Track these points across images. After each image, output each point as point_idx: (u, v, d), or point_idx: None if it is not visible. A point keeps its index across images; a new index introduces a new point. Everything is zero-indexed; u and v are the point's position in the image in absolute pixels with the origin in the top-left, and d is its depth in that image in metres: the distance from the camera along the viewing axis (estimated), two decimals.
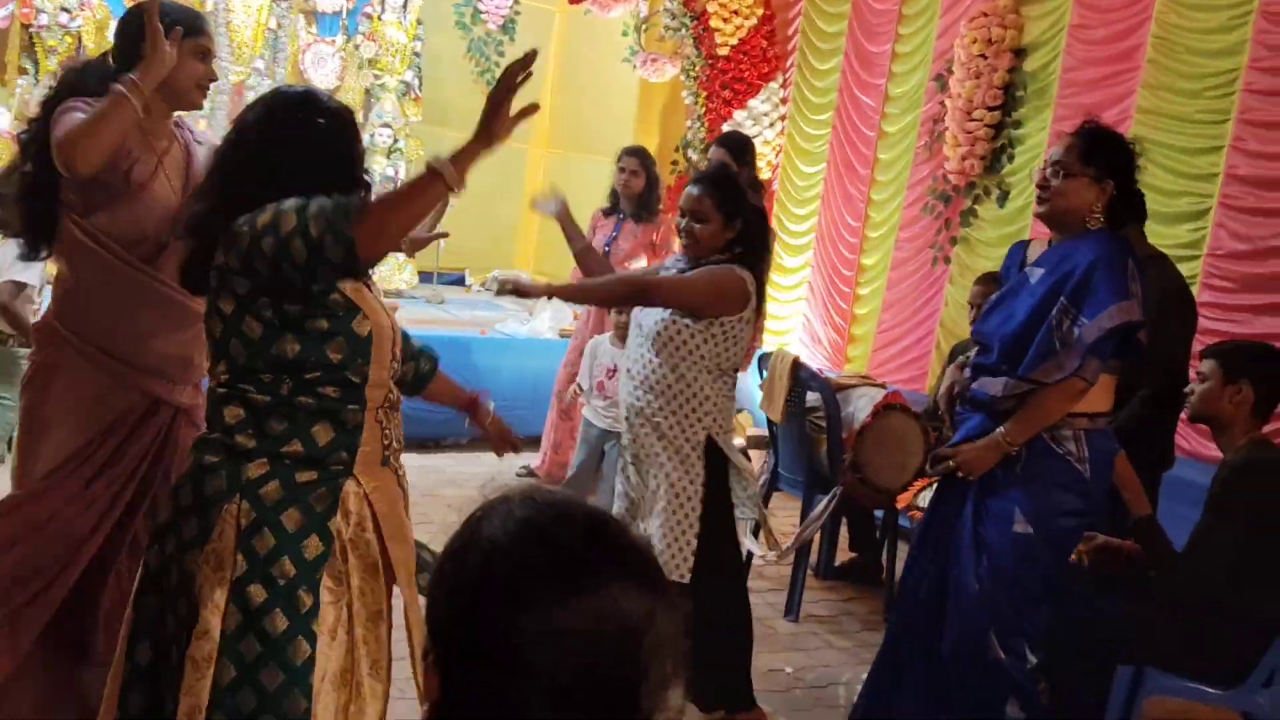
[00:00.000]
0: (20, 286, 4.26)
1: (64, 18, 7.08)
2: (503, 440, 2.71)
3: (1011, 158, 5.53)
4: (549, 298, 3.49)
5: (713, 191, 3.29)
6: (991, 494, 2.99)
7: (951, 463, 3.02)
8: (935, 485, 3.74)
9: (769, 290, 7.17)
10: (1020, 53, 5.48)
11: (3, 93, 7.48)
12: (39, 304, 4.35)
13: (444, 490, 5.46)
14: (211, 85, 2.80)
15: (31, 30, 7.12)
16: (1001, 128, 5.54)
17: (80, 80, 2.70)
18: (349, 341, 2.05)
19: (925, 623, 3.09)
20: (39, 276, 4.32)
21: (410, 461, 2.46)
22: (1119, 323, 2.80)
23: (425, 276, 7.96)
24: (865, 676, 3.32)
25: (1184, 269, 3.96)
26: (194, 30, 2.73)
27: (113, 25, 7.19)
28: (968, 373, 3.13)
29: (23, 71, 7.24)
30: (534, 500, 1.06)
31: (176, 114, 2.81)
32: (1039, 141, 5.33)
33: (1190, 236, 4.62)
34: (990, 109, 5.50)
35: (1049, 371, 2.86)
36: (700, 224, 3.28)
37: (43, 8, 7.04)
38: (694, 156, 7.27)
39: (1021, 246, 3.27)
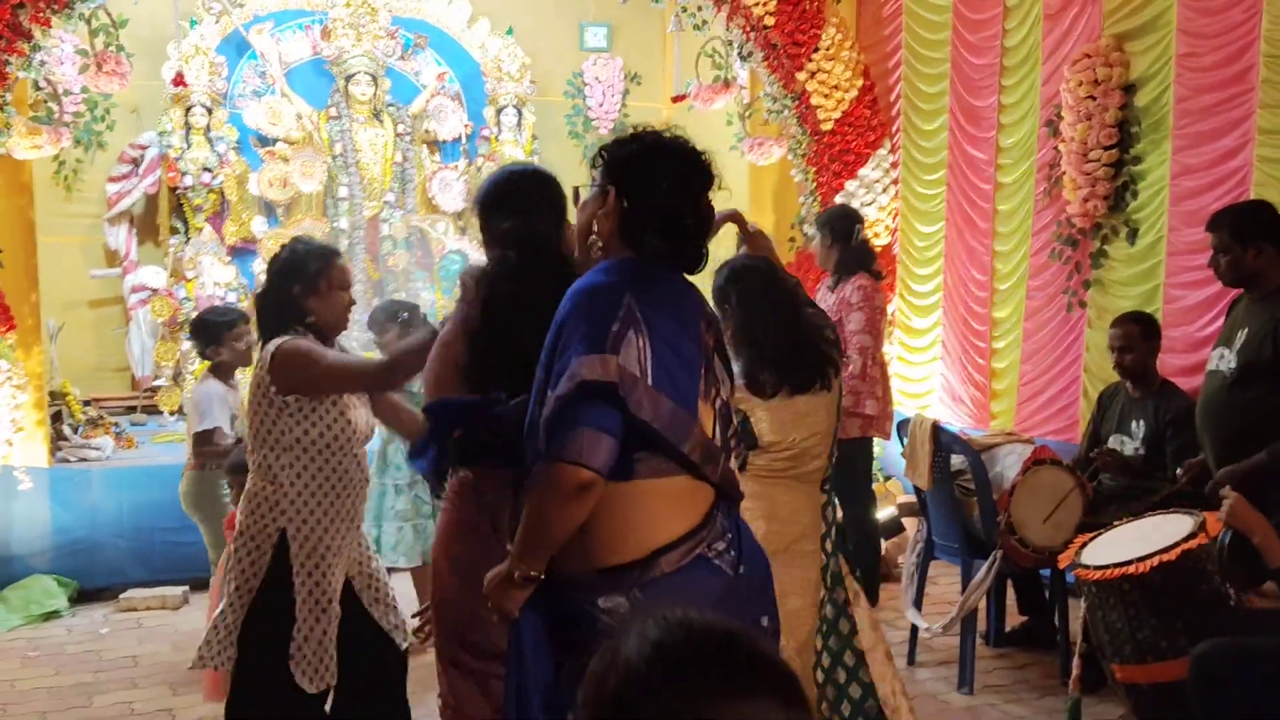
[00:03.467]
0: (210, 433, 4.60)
1: (206, 177, 7.58)
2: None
3: (1135, 194, 5.42)
4: None
5: None
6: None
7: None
8: (1095, 536, 3.63)
9: (904, 353, 7.15)
10: (1130, 89, 5.41)
11: (157, 253, 8.01)
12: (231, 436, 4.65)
13: None
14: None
15: (178, 192, 7.64)
16: (1121, 165, 5.45)
17: None
18: None
19: None
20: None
21: None
22: (587, 380, 1.96)
23: None
24: None
25: None
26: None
27: (252, 178, 7.68)
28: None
29: (174, 231, 7.76)
30: (665, 620, 1.08)
31: None
32: (1161, 175, 5.22)
33: None
34: (1106, 148, 5.42)
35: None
36: None
37: (186, 170, 7.55)
38: (809, 231, 7.32)
39: None
